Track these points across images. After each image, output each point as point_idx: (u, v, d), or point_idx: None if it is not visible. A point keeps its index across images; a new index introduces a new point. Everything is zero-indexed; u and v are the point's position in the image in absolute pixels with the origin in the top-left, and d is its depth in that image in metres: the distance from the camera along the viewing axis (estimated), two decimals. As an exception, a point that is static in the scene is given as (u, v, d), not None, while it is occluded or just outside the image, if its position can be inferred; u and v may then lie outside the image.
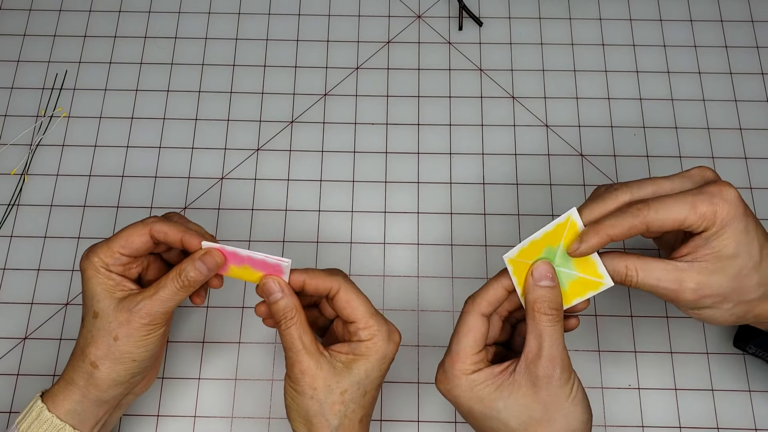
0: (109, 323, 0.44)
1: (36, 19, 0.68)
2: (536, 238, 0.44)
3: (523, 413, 0.42)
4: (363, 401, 0.44)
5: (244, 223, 0.60)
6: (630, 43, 0.67)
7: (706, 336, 0.56)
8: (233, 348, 0.56)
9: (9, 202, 0.61)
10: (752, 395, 0.55)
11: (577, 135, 0.63)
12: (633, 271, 0.42)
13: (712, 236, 0.42)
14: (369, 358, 0.44)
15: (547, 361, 0.42)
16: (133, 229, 0.46)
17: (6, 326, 0.57)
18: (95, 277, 0.45)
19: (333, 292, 0.45)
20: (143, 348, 0.45)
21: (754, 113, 0.64)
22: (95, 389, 0.45)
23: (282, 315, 0.44)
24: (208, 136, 0.63)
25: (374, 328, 0.44)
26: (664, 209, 0.41)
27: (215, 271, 0.45)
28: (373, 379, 0.45)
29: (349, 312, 0.45)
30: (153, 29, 0.67)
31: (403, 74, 0.66)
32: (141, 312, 0.44)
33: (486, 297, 0.44)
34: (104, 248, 0.45)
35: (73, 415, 0.45)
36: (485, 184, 0.61)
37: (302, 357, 0.43)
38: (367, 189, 0.61)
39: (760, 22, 0.67)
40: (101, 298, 0.45)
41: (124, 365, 0.44)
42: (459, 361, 0.43)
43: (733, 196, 0.42)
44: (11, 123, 0.64)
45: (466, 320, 0.44)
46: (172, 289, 0.44)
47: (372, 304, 0.46)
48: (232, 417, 0.54)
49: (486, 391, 0.43)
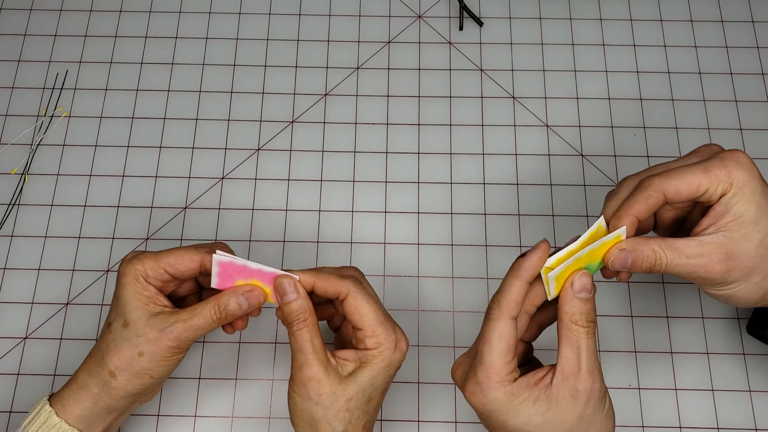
0: (138, 337, 0.44)
1: (36, 19, 0.68)
2: (581, 255, 0.42)
3: (560, 428, 0.41)
4: (367, 407, 0.44)
5: (244, 223, 0.60)
6: (630, 43, 0.67)
7: (706, 336, 0.56)
8: (233, 348, 0.56)
9: (9, 202, 0.61)
10: (752, 395, 0.55)
11: (578, 135, 0.63)
12: (662, 254, 0.41)
13: (731, 200, 0.41)
14: (374, 366, 0.44)
15: (587, 374, 0.41)
16: (185, 253, 0.45)
17: (6, 326, 0.57)
18: (133, 285, 0.44)
19: (342, 296, 0.44)
20: (164, 367, 0.44)
21: (754, 113, 0.64)
22: (108, 398, 0.44)
23: (295, 317, 0.44)
24: (208, 136, 0.63)
25: (381, 337, 0.44)
26: (676, 176, 0.41)
27: (256, 308, 0.45)
28: (378, 386, 0.44)
29: (357, 318, 0.44)
30: (153, 29, 0.67)
31: (403, 74, 0.66)
32: (172, 335, 0.43)
33: (512, 298, 0.41)
34: (151, 260, 0.45)
35: (82, 420, 0.45)
36: (485, 184, 0.61)
37: (311, 361, 0.43)
38: (367, 189, 0.61)
39: (760, 22, 0.67)
40: (134, 309, 0.44)
41: (141, 380, 0.44)
42: (495, 372, 0.41)
43: (745, 159, 0.41)
44: (12, 123, 0.64)
45: (496, 326, 0.41)
46: (208, 319, 0.44)
47: (382, 309, 0.45)
48: (232, 417, 0.54)
49: (524, 405, 0.41)
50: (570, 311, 0.41)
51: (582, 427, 0.41)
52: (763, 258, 0.42)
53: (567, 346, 0.41)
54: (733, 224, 0.41)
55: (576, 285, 0.42)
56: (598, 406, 0.41)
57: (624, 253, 0.42)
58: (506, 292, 0.42)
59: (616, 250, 0.42)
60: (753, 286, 0.42)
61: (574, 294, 0.41)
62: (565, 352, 0.41)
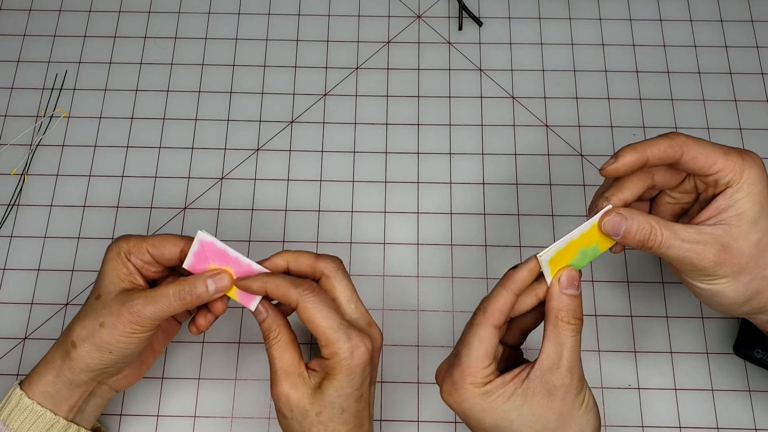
0: (103, 309, 0.44)
1: (36, 19, 0.68)
2: (574, 238, 0.42)
3: (537, 423, 0.41)
4: (342, 418, 0.43)
5: (244, 223, 0.60)
6: (630, 43, 0.67)
7: (706, 336, 0.56)
8: (233, 348, 0.56)
9: (9, 202, 0.61)
10: (752, 395, 0.55)
11: (577, 135, 0.63)
12: (658, 230, 0.41)
13: (736, 194, 0.41)
14: (337, 377, 0.42)
15: (566, 371, 0.41)
16: (170, 239, 0.46)
17: (6, 326, 0.57)
18: (113, 261, 0.45)
19: (293, 305, 0.43)
20: (123, 344, 0.44)
21: (754, 113, 0.64)
22: (68, 370, 0.44)
23: (266, 334, 0.44)
24: (208, 136, 0.63)
25: (335, 346, 0.42)
26: (700, 143, 0.42)
27: (221, 293, 0.45)
28: (348, 395, 0.43)
29: (312, 328, 0.42)
30: (153, 29, 0.67)
31: (403, 74, 0.66)
32: (132, 309, 0.43)
33: (497, 307, 0.42)
34: (135, 239, 0.46)
35: (47, 397, 0.45)
36: (485, 184, 0.61)
37: (278, 378, 0.43)
38: (367, 189, 0.61)
39: (760, 22, 0.67)
40: (109, 283, 0.45)
41: (99, 354, 0.44)
42: (470, 374, 0.41)
43: (760, 161, 0.42)
44: (11, 123, 0.64)
45: (477, 332, 0.42)
46: (170, 299, 0.44)
47: (338, 314, 0.43)
48: (232, 417, 0.54)
49: (498, 401, 0.41)
50: (557, 307, 0.42)
51: (561, 422, 0.41)
52: (756, 259, 0.42)
53: (550, 342, 0.41)
54: (734, 219, 0.41)
55: (563, 281, 0.42)
56: (575, 401, 0.41)
57: (619, 218, 0.42)
58: (493, 300, 0.42)
59: (612, 213, 0.42)
60: (741, 286, 0.42)
61: (561, 290, 0.42)
62: (547, 348, 0.41)
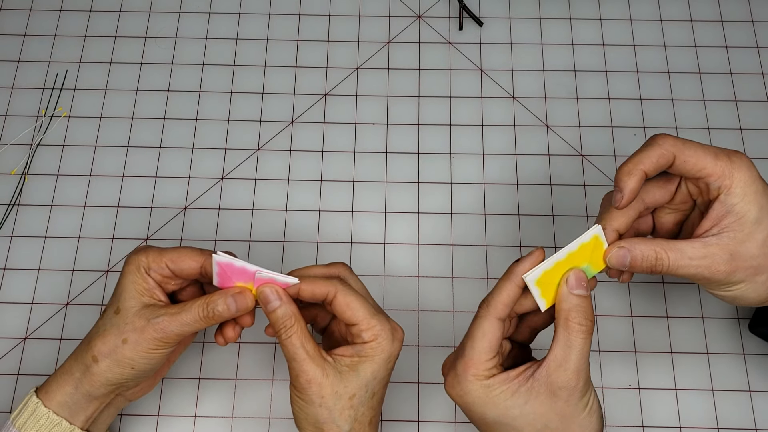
0: (125, 324, 0.44)
1: (36, 19, 0.68)
2: (560, 258, 0.42)
3: (538, 422, 0.41)
4: (371, 402, 0.44)
5: (244, 223, 0.60)
6: (630, 43, 0.67)
7: (706, 336, 0.56)
8: (233, 348, 0.56)
9: (9, 202, 0.61)
10: (752, 395, 0.55)
11: (577, 135, 0.63)
12: (663, 254, 0.41)
13: (731, 199, 0.41)
14: (375, 359, 0.43)
15: (573, 373, 0.41)
16: (189, 252, 0.45)
17: (6, 326, 0.57)
18: (133, 275, 0.45)
19: (330, 297, 0.44)
20: (146, 360, 0.44)
21: (754, 113, 0.64)
22: (88, 383, 0.44)
23: (281, 324, 0.43)
24: (208, 136, 0.63)
25: (377, 328, 0.43)
26: (690, 146, 0.41)
27: (243, 312, 0.45)
28: (380, 379, 0.44)
29: (350, 315, 0.44)
30: (153, 29, 0.67)
31: (403, 74, 0.66)
32: (157, 326, 0.43)
33: (501, 300, 0.42)
34: (155, 253, 0.45)
35: (65, 407, 0.45)
36: (485, 184, 0.61)
37: (307, 366, 0.43)
38: (367, 189, 0.61)
39: (760, 22, 0.67)
40: (128, 297, 0.45)
41: (121, 369, 0.44)
42: (473, 366, 0.41)
43: (747, 160, 0.42)
44: (11, 123, 0.64)
45: (481, 324, 0.42)
46: (195, 316, 0.44)
47: (372, 302, 0.45)
48: (232, 417, 0.54)
49: (501, 397, 0.41)
50: (567, 308, 0.41)
51: (562, 423, 0.41)
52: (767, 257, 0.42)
53: (559, 343, 0.41)
54: (736, 224, 0.41)
55: (571, 281, 0.42)
56: (579, 404, 0.41)
57: (622, 251, 0.42)
58: (497, 293, 0.42)
59: (614, 247, 0.42)
60: (759, 286, 0.42)
61: (569, 291, 0.42)
62: (556, 349, 0.41)
